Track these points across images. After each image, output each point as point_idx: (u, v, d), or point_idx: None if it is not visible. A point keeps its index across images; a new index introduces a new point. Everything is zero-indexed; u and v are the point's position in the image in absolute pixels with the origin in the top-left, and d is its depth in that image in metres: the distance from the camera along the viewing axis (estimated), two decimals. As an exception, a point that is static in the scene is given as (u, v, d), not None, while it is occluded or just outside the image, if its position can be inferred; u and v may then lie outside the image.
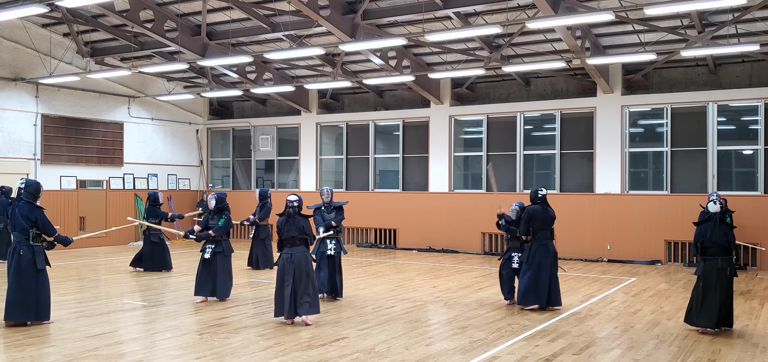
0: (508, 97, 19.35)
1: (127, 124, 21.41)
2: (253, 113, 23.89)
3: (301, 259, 9.16)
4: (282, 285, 9.16)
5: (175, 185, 23.02)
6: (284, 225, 9.22)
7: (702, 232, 8.93)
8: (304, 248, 9.25)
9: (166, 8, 16.36)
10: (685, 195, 16.48)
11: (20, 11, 12.29)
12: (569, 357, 7.64)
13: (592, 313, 10.30)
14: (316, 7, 14.11)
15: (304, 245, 9.25)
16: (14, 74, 18.40)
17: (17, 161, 18.47)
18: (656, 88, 17.50)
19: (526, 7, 14.19)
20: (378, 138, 21.28)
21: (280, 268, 9.22)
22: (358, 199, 20.69)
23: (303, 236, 9.21)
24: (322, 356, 7.59)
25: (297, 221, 9.24)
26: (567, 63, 15.80)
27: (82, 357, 7.47)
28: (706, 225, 8.90)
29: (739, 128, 16.77)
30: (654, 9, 11.86)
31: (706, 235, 8.86)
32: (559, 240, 17.88)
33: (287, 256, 9.15)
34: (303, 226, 9.24)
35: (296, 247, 9.18)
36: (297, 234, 9.17)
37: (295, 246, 9.18)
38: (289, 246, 9.19)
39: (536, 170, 18.88)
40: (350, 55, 18.25)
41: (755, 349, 8.10)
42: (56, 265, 15.70)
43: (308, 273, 9.22)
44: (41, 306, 8.99)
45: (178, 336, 8.58)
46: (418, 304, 10.96)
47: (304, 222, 9.31)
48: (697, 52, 14.17)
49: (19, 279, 8.85)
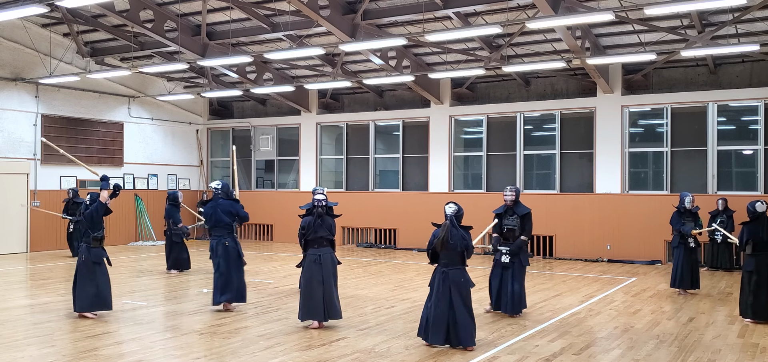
0: (508, 97, 19.35)
1: (127, 124, 21.41)
2: (253, 113, 23.89)
3: (329, 261, 8.91)
4: (310, 286, 8.83)
5: (175, 185, 23.02)
6: (312, 224, 8.83)
7: (754, 230, 9.62)
8: (331, 249, 8.97)
9: (166, 8, 16.36)
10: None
11: (20, 11, 12.29)
12: (569, 357, 7.64)
13: (592, 313, 10.30)
14: (316, 7, 14.10)
15: (331, 246, 8.98)
16: (14, 74, 18.40)
17: (17, 161, 18.47)
18: (656, 88, 17.50)
19: (526, 7, 14.19)
20: (378, 138, 21.28)
21: (307, 270, 8.89)
22: (358, 199, 20.71)
23: (331, 236, 8.93)
24: (322, 356, 7.59)
25: (326, 220, 8.88)
26: (567, 63, 15.80)
27: (82, 357, 7.47)
28: (757, 224, 9.60)
29: (739, 128, 16.77)
30: (654, 9, 11.86)
31: (758, 233, 9.56)
32: (559, 240, 17.98)
33: (314, 257, 8.83)
34: (331, 226, 8.94)
35: (324, 248, 8.89)
36: (326, 234, 8.87)
37: (323, 247, 8.88)
38: (316, 246, 8.87)
39: (536, 170, 18.89)
40: (350, 55, 18.25)
41: (755, 349, 8.10)
42: (56, 265, 15.73)
43: (334, 275, 9.00)
44: (241, 291, 10.21)
45: (178, 336, 8.58)
46: (418, 304, 10.94)
47: (332, 222, 8.99)
48: (697, 52, 14.17)
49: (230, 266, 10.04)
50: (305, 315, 8.89)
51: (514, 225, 10.00)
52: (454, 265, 7.90)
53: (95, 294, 9.47)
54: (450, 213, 8.00)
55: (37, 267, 15.43)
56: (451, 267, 7.89)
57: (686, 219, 12.21)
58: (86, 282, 9.48)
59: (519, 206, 10.08)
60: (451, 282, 7.83)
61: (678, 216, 12.23)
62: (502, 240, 10.15)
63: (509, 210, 10.07)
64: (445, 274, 7.88)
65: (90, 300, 9.46)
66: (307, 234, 8.89)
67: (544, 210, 17.86)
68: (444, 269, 7.90)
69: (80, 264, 9.57)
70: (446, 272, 7.88)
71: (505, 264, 9.98)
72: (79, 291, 9.49)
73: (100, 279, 9.55)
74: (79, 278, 9.54)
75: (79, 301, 9.50)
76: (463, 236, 7.87)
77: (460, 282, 7.86)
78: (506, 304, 9.93)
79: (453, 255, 7.87)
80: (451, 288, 7.83)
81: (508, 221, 10.07)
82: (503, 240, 10.14)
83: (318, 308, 8.80)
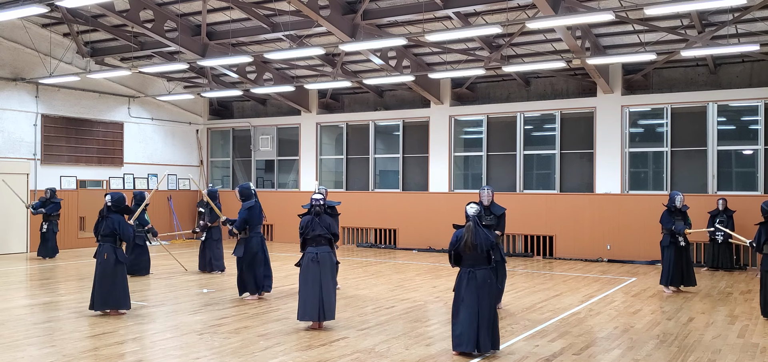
0: (508, 97, 19.35)
1: (127, 124, 21.41)
2: (253, 113, 23.89)
3: (326, 259, 8.95)
4: (307, 285, 8.87)
5: (175, 185, 23.02)
6: (310, 223, 8.95)
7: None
8: (329, 248, 9.02)
9: (166, 8, 16.36)
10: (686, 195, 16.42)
11: (20, 11, 12.29)
12: (569, 357, 7.64)
13: (592, 313, 10.30)
14: (316, 7, 14.10)
15: (328, 245, 9.02)
16: (14, 74, 18.41)
17: (17, 161, 18.47)
18: (656, 88, 17.50)
19: (526, 7, 14.19)
20: (378, 138, 21.28)
21: (304, 268, 8.94)
22: (358, 199, 20.70)
23: (328, 235, 8.99)
24: (322, 356, 7.59)
25: (324, 219, 9.00)
26: (567, 63, 15.80)
27: (82, 357, 7.47)
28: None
29: (739, 128, 16.77)
30: (654, 9, 11.86)
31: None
32: (559, 240, 17.98)
33: (312, 255, 8.90)
34: (329, 224, 9.03)
35: (321, 247, 8.95)
36: (323, 233, 8.94)
37: (321, 246, 8.95)
38: (314, 245, 8.94)
39: (536, 170, 18.89)
40: (350, 55, 18.25)
41: (755, 349, 8.10)
42: (56, 265, 15.74)
43: (332, 274, 9.05)
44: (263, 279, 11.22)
45: (178, 336, 8.57)
46: (418, 304, 10.96)
47: (330, 220, 9.07)
48: (697, 52, 14.17)
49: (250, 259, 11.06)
50: (302, 316, 8.90)
51: (492, 223, 10.29)
52: (481, 266, 7.79)
53: (121, 291, 9.71)
54: (472, 213, 7.86)
55: (37, 267, 15.43)
56: (477, 267, 7.77)
57: (676, 218, 12.34)
58: (108, 281, 9.61)
59: (495, 206, 10.49)
60: (479, 284, 7.70)
61: (668, 215, 12.37)
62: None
63: (486, 210, 10.38)
64: (473, 275, 7.73)
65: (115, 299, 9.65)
66: (305, 232, 8.96)
67: (544, 210, 17.87)
68: (470, 270, 7.77)
69: (104, 264, 9.63)
70: (473, 272, 7.74)
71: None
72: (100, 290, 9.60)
73: (123, 278, 9.77)
74: (101, 278, 9.61)
75: (99, 299, 9.61)
76: (488, 235, 7.82)
77: (487, 283, 7.78)
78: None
79: (479, 256, 7.76)
80: (479, 290, 7.70)
81: (486, 220, 10.32)
82: None
83: (313, 309, 8.80)
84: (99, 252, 9.76)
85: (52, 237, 17.06)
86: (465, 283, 7.70)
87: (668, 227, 12.28)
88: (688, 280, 12.28)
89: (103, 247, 9.73)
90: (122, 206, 9.88)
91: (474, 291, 7.65)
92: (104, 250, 9.70)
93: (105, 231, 9.72)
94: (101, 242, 9.79)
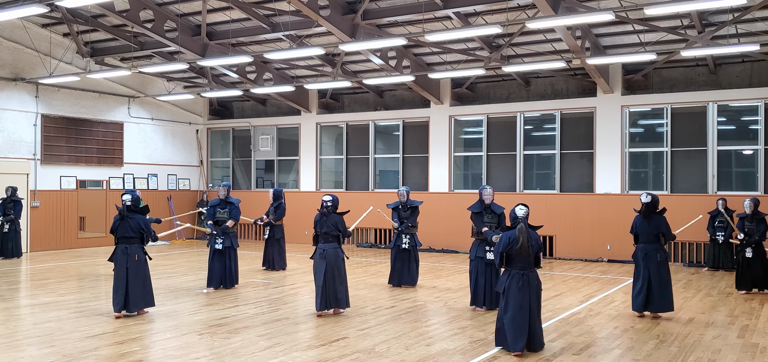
0: (508, 97, 19.35)
1: (127, 124, 21.41)
2: (253, 113, 23.89)
3: (332, 254, 9.73)
4: (318, 278, 9.72)
5: (175, 185, 23.03)
6: (319, 221, 9.80)
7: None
8: (336, 244, 9.81)
9: (166, 8, 16.36)
10: (686, 195, 16.48)
11: (20, 11, 12.29)
12: (569, 357, 7.64)
13: (592, 313, 10.30)
14: (316, 7, 14.10)
15: (336, 241, 9.80)
16: (14, 74, 18.41)
17: (17, 161, 18.47)
18: (656, 88, 17.50)
19: (526, 7, 14.19)
20: (378, 138, 21.28)
21: (315, 263, 9.83)
22: (358, 199, 20.68)
23: (336, 232, 9.75)
24: (322, 356, 7.59)
25: (331, 218, 9.76)
26: (567, 63, 15.80)
27: (82, 357, 7.47)
28: None
29: (739, 128, 16.77)
30: (654, 9, 11.85)
31: None
32: (559, 240, 17.98)
33: (320, 251, 9.77)
34: (336, 223, 9.77)
35: (329, 243, 9.77)
36: (330, 230, 9.72)
37: (328, 242, 9.77)
38: (323, 241, 9.81)
39: (536, 170, 18.89)
40: (350, 55, 18.25)
41: (755, 349, 8.10)
42: (56, 265, 15.73)
43: (338, 267, 9.81)
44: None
45: (178, 336, 8.57)
46: (418, 304, 10.96)
47: (337, 219, 9.81)
48: (697, 52, 14.16)
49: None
50: (318, 306, 9.71)
51: (494, 222, 10.43)
52: (531, 268, 7.79)
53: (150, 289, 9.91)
54: (522, 215, 7.82)
55: (37, 267, 15.42)
56: (528, 270, 7.76)
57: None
58: (141, 281, 9.70)
59: (495, 205, 10.65)
60: (531, 287, 7.70)
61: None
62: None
63: (487, 209, 10.53)
64: (525, 278, 7.70)
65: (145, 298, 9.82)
66: (315, 229, 9.87)
67: (544, 210, 17.86)
68: (522, 272, 7.73)
69: (136, 265, 9.63)
70: (526, 275, 7.72)
71: (489, 261, 10.39)
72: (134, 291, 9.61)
73: (149, 276, 9.96)
74: (134, 278, 9.59)
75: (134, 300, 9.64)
76: (538, 238, 7.84)
77: (537, 286, 7.82)
78: (491, 301, 10.36)
79: (529, 259, 7.76)
80: (531, 293, 7.70)
81: (487, 219, 10.51)
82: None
83: (323, 299, 9.67)
84: (126, 252, 9.59)
85: (15, 236, 16.97)
86: (518, 287, 7.69)
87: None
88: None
89: (130, 248, 9.60)
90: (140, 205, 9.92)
91: (526, 294, 7.68)
92: (133, 251, 9.60)
93: (129, 232, 9.63)
94: (125, 243, 9.63)
